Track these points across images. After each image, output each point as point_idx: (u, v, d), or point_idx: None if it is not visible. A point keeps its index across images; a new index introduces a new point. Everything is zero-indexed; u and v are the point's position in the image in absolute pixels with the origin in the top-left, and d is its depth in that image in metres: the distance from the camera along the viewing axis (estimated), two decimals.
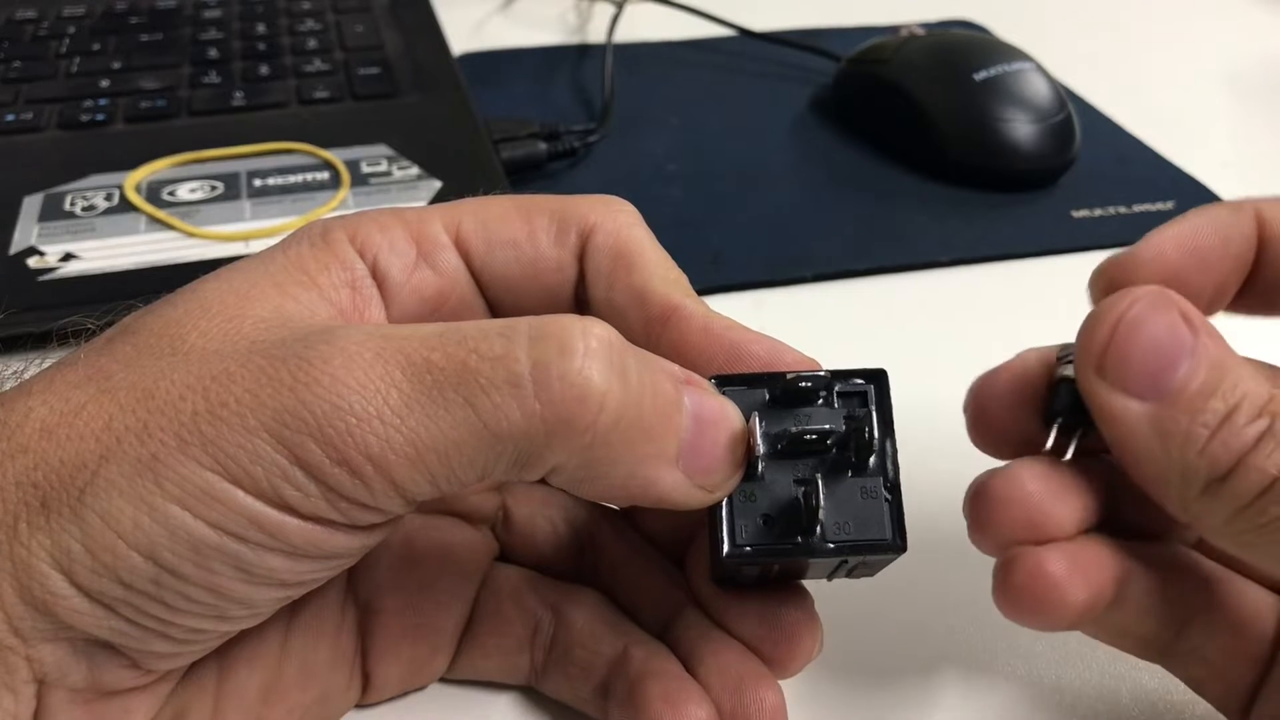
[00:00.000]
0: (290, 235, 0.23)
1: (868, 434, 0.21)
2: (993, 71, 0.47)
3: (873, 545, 0.21)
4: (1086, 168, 0.48)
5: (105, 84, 0.50)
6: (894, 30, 0.54)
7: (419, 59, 0.53)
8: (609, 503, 0.27)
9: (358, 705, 0.25)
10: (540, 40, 0.60)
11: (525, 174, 0.47)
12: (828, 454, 0.21)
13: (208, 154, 0.45)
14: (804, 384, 0.21)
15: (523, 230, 0.24)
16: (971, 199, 0.46)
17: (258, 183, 0.43)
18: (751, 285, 0.41)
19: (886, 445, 0.21)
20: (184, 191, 0.42)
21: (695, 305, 0.23)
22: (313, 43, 0.54)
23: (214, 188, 0.43)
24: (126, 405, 0.18)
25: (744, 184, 0.47)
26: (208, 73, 0.51)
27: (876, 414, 0.21)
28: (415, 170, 0.44)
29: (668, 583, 0.25)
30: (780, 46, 0.58)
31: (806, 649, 0.23)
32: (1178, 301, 0.20)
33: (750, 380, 0.22)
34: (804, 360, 0.22)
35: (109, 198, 0.42)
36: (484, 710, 0.26)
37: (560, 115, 0.50)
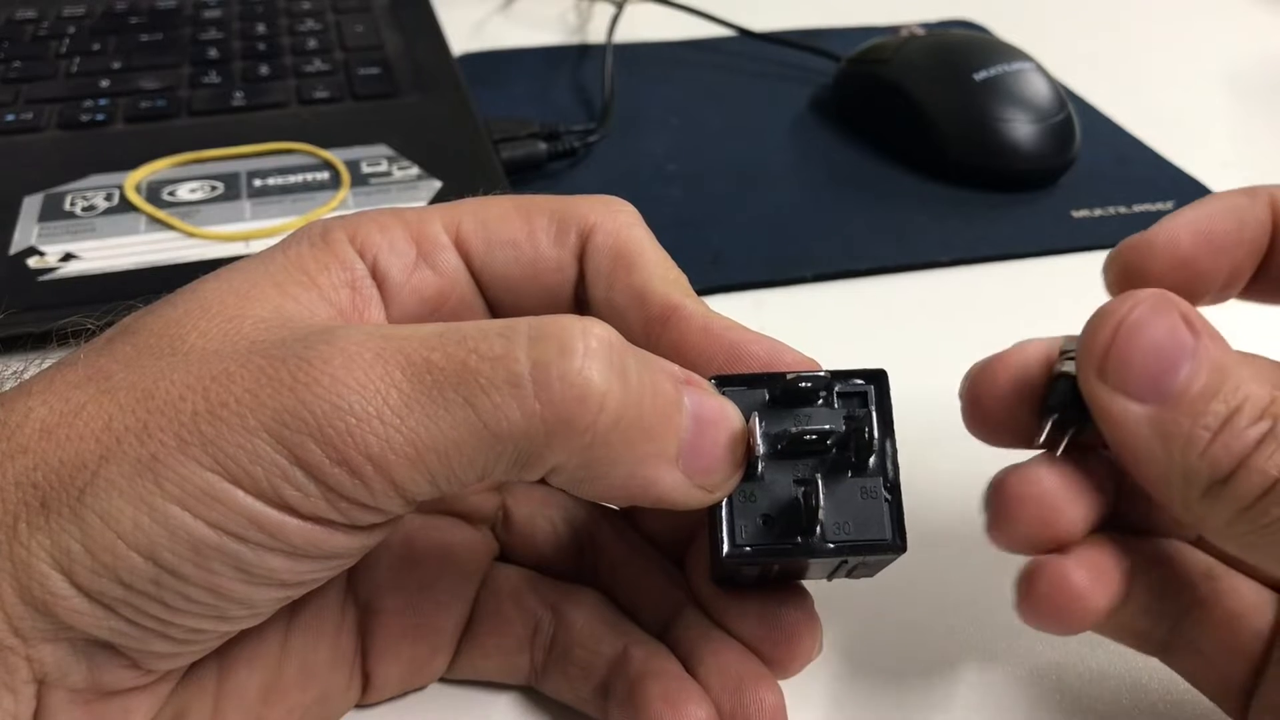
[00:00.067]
0: (290, 235, 0.23)
1: (868, 434, 0.21)
2: (993, 71, 0.47)
3: (873, 545, 0.21)
4: (1086, 168, 0.48)
5: (105, 84, 0.50)
6: (894, 30, 0.54)
7: (419, 59, 0.53)
8: (609, 503, 0.27)
9: (358, 705, 0.25)
10: (540, 40, 0.60)
11: (525, 174, 0.47)
12: (828, 454, 0.22)
13: (208, 154, 0.45)
14: (804, 384, 0.21)
15: (523, 230, 0.24)
16: (971, 199, 0.46)
17: (258, 183, 0.43)
18: (751, 285, 0.41)
19: (886, 445, 0.21)
20: (184, 191, 0.42)
21: (695, 305, 0.23)
22: (313, 43, 0.54)
23: (214, 188, 0.43)
24: (126, 405, 0.18)
25: (744, 184, 0.47)
26: (208, 73, 0.51)
27: (876, 414, 0.22)
28: (415, 170, 0.44)
29: (668, 583, 0.25)
30: (780, 46, 0.58)
31: (806, 649, 0.23)
32: (1179, 304, 0.20)
33: (750, 380, 0.22)
34: (804, 360, 0.22)
35: (109, 198, 0.42)
36: (484, 710, 0.26)
37: (560, 115, 0.50)
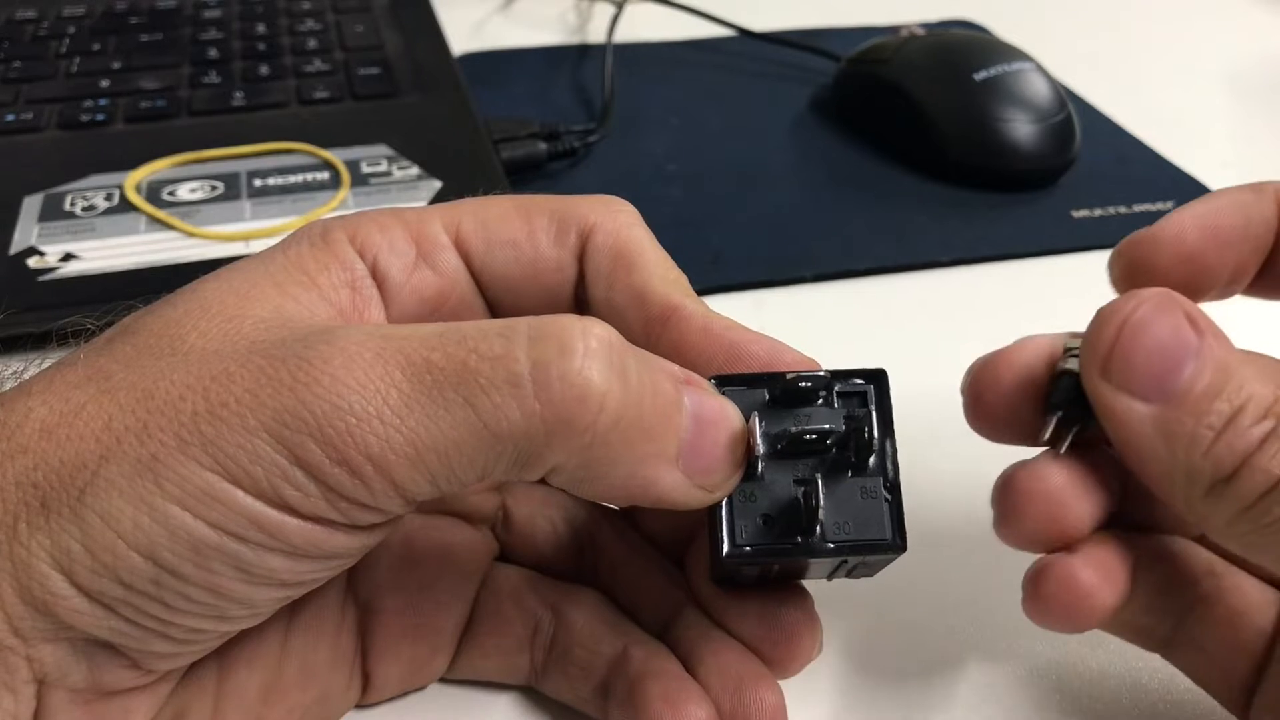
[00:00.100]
0: (290, 235, 0.23)
1: (868, 434, 0.21)
2: (993, 71, 0.47)
3: (873, 545, 0.21)
4: (1086, 168, 0.48)
5: (105, 84, 0.50)
6: (894, 30, 0.54)
7: (419, 59, 0.53)
8: (609, 503, 0.27)
9: (358, 705, 0.25)
10: (540, 40, 0.60)
11: (525, 174, 0.46)
12: (828, 454, 0.21)
13: (208, 154, 0.45)
14: (804, 384, 0.21)
15: (522, 230, 0.24)
16: (971, 199, 0.46)
17: (258, 183, 0.43)
18: (751, 285, 0.41)
19: (886, 445, 0.21)
20: (184, 191, 0.42)
21: (695, 305, 0.23)
22: (313, 43, 0.54)
23: (214, 188, 0.43)
24: (126, 405, 0.18)
25: (744, 184, 0.47)
26: (208, 73, 0.51)
27: (876, 414, 0.21)
28: (415, 170, 0.44)
29: (668, 583, 0.25)
30: (780, 46, 0.58)
31: (806, 649, 0.23)
32: (1183, 303, 0.20)
33: (750, 380, 0.22)
34: (804, 360, 0.22)
35: (109, 198, 0.42)
36: (484, 710, 0.26)
37: (560, 115, 0.50)
